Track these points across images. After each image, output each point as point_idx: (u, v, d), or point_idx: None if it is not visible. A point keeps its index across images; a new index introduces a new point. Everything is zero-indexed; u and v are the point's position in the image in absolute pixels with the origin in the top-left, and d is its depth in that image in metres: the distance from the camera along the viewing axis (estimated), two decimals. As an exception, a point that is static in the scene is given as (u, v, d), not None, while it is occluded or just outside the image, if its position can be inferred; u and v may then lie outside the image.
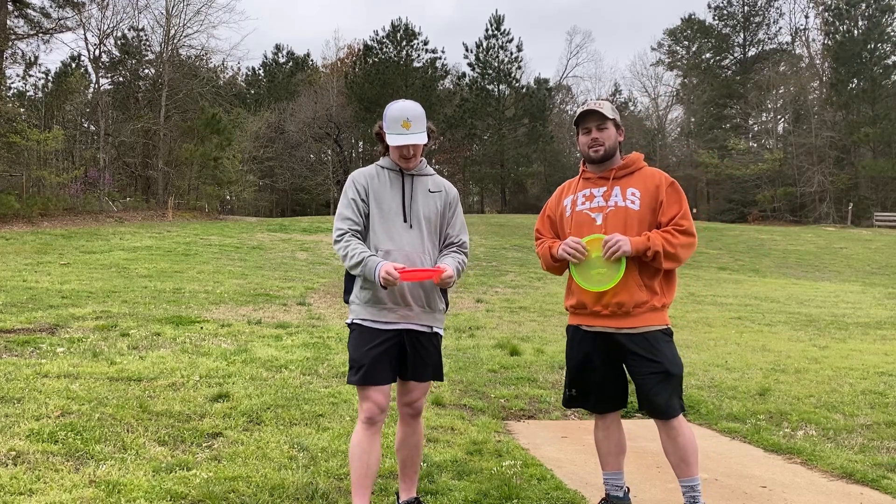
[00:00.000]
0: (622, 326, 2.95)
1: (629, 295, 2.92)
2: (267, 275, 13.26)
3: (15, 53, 28.33)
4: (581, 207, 3.09)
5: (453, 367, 6.12)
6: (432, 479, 3.47)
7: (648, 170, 3.08)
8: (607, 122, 3.04)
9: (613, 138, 3.07)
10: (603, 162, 3.09)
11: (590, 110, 3.05)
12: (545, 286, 13.45)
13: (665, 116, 59.44)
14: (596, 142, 3.06)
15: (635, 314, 2.93)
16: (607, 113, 3.04)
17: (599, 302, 2.96)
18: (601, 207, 3.03)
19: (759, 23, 52.71)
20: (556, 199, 3.28)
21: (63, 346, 6.12)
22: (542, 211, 3.37)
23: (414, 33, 53.94)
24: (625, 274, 2.89)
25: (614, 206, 3.01)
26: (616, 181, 3.05)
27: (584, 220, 3.04)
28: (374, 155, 57.91)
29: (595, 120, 3.04)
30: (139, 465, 3.42)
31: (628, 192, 3.02)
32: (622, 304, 2.93)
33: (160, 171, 31.74)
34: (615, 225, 2.96)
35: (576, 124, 3.13)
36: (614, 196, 3.03)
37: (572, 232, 3.05)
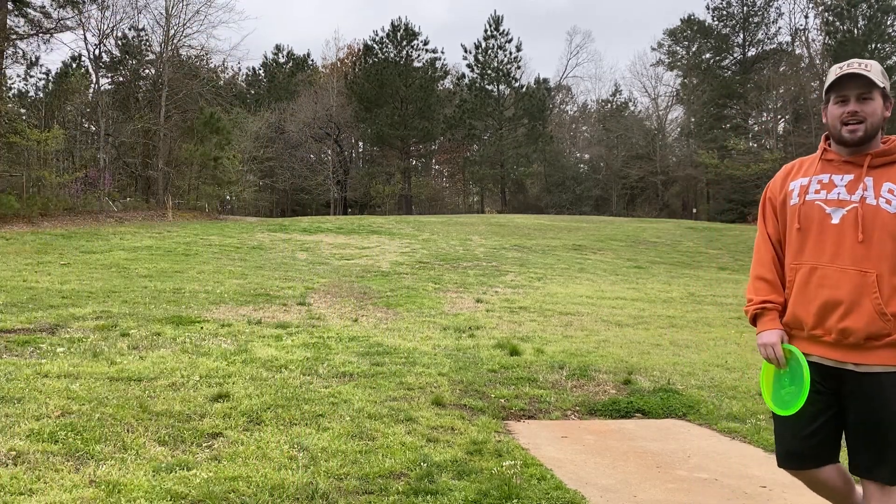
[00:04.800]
0: (846, 360, 2.29)
1: (864, 321, 2.24)
2: (267, 275, 13.26)
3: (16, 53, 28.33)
4: (813, 196, 2.36)
5: (453, 367, 6.12)
6: (432, 479, 3.47)
7: None
8: (874, 90, 2.28)
9: (879, 114, 2.30)
10: (863, 144, 2.33)
11: (853, 73, 2.29)
12: (545, 286, 13.45)
13: (665, 116, 59.46)
14: (855, 116, 2.29)
15: (868, 348, 2.26)
16: (876, 79, 2.27)
17: (822, 325, 2.30)
18: (842, 202, 2.30)
19: (758, 23, 52.75)
20: (780, 180, 2.53)
21: (63, 346, 6.12)
22: (761, 203, 2.60)
23: (414, 33, 53.97)
24: (862, 293, 2.24)
25: (860, 202, 2.27)
26: (871, 170, 2.30)
27: (816, 216, 2.34)
28: (374, 155, 57.98)
29: (858, 87, 2.28)
30: (139, 465, 3.42)
31: (884, 187, 2.26)
32: (851, 334, 2.26)
33: (160, 171, 31.74)
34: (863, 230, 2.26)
35: (828, 91, 2.37)
36: (863, 189, 2.28)
37: (802, 228, 2.37)
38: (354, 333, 7.63)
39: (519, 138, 52.66)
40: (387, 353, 6.60)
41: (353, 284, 12.51)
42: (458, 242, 21.09)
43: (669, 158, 54.16)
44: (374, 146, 56.92)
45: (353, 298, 10.85)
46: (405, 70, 52.66)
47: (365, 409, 4.65)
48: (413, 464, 3.67)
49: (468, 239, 22.21)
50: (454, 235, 23.10)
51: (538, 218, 34.91)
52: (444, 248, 19.50)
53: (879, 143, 2.35)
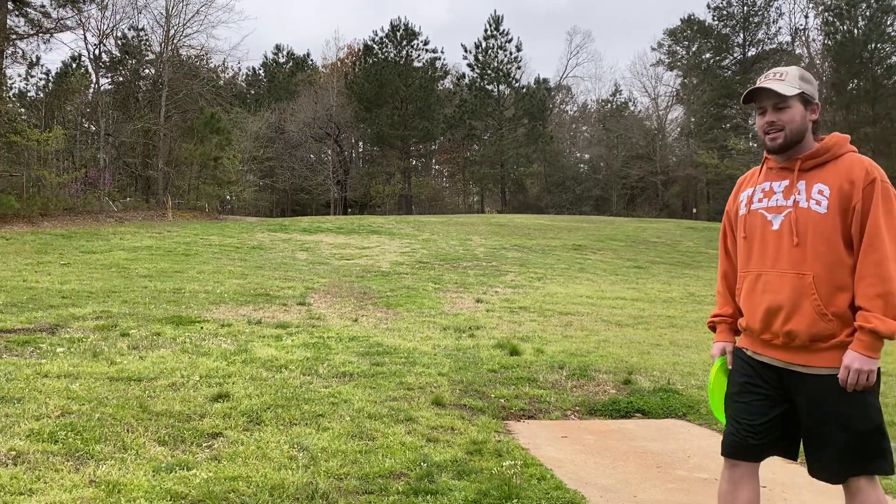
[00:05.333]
0: (795, 362, 2.33)
1: (805, 324, 2.27)
2: (267, 275, 13.26)
3: (15, 53, 28.31)
4: (757, 206, 2.44)
5: (453, 367, 6.12)
6: (432, 479, 3.47)
7: (848, 158, 2.34)
8: (788, 99, 2.34)
9: (800, 119, 2.36)
10: (785, 151, 2.39)
11: (758, 89, 2.37)
12: (545, 286, 13.45)
13: (665, 116, 59.43)
14: (773, 126, 2.37)
15: (813, 350, 2.30)
16: (786, 90, 2.33)
17: (769, 329, 2.36)
18: (780, 207, 2.37)
19: (758, 23, 52.72)
20: (734, 193, 2.61)
21: (63, 346, 6.12)
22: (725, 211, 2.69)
23: (414, 33, 53.95)
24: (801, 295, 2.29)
25: (794, 206, 2.33)
26: (802, 174, 2.36)
27: (760, 223, 2.41)
28: (374, 155, 58.01)
29: (770, 97, 2.36)
30: (139, 465, 3.42)
31: (814, 189, 2.31)
32: (795, 337, 2.30)
33: (160, 171, 31.74)
34: (799, 234, 2.30)
35: (745, 102, 2.48)
36: (797, 194, 2.34)
37: (746, 237, 2.45)
38: (354, 333, 7.63)
39: (519, 138, 52.65)
40: (387, 353, 6.60)
41: (353, 284, 12.51)
42: (458, 242, 21.09)
43: (669, 158, 54.14)
44: (374, 146, 56.92)
45: (353, 298, 10.85)
46: (405, 70, 52.66)
47: (365, 409, 4.65)
48: (413, 464, 3.67)
49: (468, 239, 22.21)
50: (454, 235, 23.10)
51: (538, 218, 34.91)
52: (444, 248, 19.50)
53: (813, 145, 2.40)
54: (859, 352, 2.22)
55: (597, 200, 54.21)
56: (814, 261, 2.29)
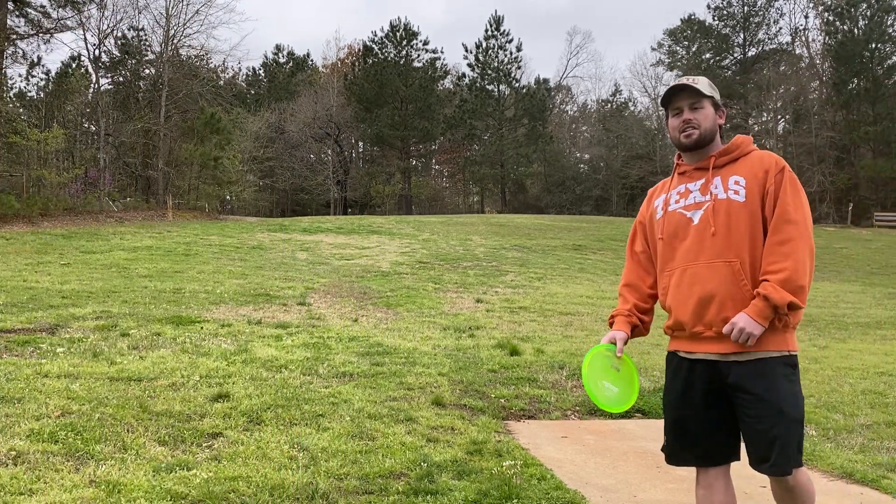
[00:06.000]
0: (729, 352, 2.36)
1: (739, 309, 2.33)
2: (267, 275, 13.26)
3: (15, 53, 28.32)
4: (674, 207, 2.53)
5: (453, 368, 6.11)
6: (432, 479, 3.47)
7: (757, 153, 2.50)
8: (703, 100, 2.51)
9: (711, 120, 2.52)
10: (698, 148, 2.53)
11: (679, 86, 2.53)
12: (545, 286, 13.45)
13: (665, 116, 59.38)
14: (688, 124, 2.50)
15: None
16: (703, 89, 2.51)
17: (701, 321, 2.39)
18: (698, 203, 2.47)
19: (758, 23, 52.71)
20: (646, 203, 2.72)
21: (63, 346, 6.12)
22: (635, 221, 2.78)
23: (413, 33, 53.96)
24: (732, 283, 2.34)
25: (713, 199, 2.43)
26: (716, 171, 2.49)
27: (679, 222, 2.49)
28: (374, 155, 58.04)
29: (687, 98, 2.51)
30: (139, 465, 3.42)
31: (731, 180, 2.44)
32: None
33: (160, 171, 31.75)
34: (718, 224, 2.39)
35: (663, 105, 2.61)
36: (713, 188, 2.46)
37: (664, 239, 2.52)
38: (354, 333, 7.63)
39: (519, 138, 52.65)
40: (387, 353, 6.60)
41: (353, 284, 12.50)
42: (458, 242, 21.08)
43: (669, 158, 54.03)
44: (374, 146, 56.92)
45: (353, 298, 10.85)
46: (405, 70, 52.66)
47: (365, 409, 4.65)
48: (413, 464, 3.67)
49: (468, 239, 22.21)
50: (454, 235, 23.09)
51: (538, 218, 34.91)
52: (444, 248, 19.50)
53: (720, 146, 2.54)
54: (750, 315, 2.29)
55: (597, 200, 54.21)
56: (739, 247, 2.37)
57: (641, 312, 2.68)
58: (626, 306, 2.68)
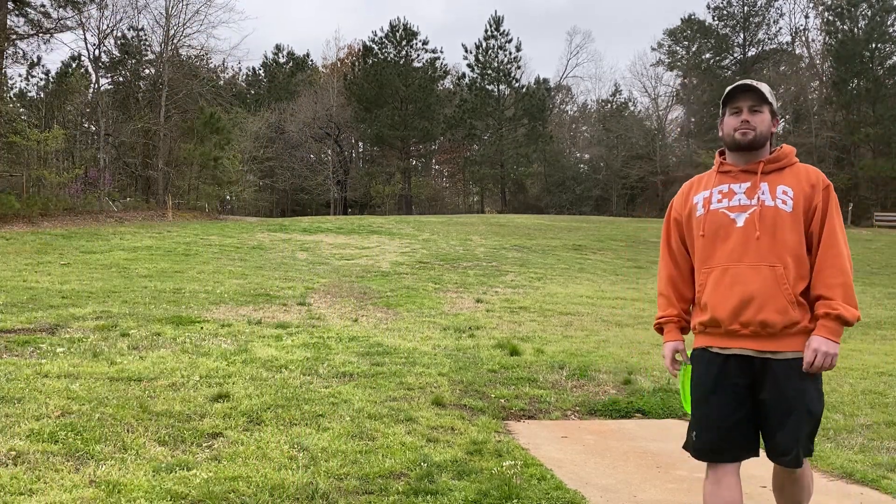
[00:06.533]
0: (764, 350, 2.45)
1: (778, 312, 2.42)
2: (267, 275, 13.26)
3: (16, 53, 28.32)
4: (717, 206, 2.57)
5: (453, 368, 6.11)
6: (432, 479, 3.47)
7: (801, 166, 2.58)
8: (763, 105, 2.55)
9: (767, 125, 2.55)
10: (751, 150, 2.57)
11: (745, 85, 2.55)
12: (545, 286, 13.45)
13: (665, 116, 59.41)
14: (747, 125, 2.53)
15: (783, 336, 2.44)
16: (766, 94, 2.55)
17: (738, 320, 2.46)
18: (743, 206, 2.51)
19: (758, 23, 52.70)
20: (682, 197, 2.74)
21: (63, 346, 6.12)
22: (666, 216, 2.81)
23: (413, 33, 53.97)
24: (774, 286, 2.43)
25: (760, 205, 2.49)
26: (764, 176, 2.54)
27: (722, 223, 2.53)
28: (374, 155, 58.02)
29: (750, 100, 2.54)
30: (139, 465, 3.42)
31: (778, 189, 2.50)
32: (768, 325, 2.43)
33: (160, 171, 31.75)
34: (763, 229, 2.46)
35: (723, 103, 2.62)
36: (760, 193, 2.51)
37: (706, 237, 2.57)
38: (354, 333, 7.63)
39: (519, 138, 52.65)
40: (387, 353, 6.60)
41: (353, 284, 12.51)
42: (458, 242, 21.09)
43: (669, 158, 54.12)
44: (374, 146, 56.93)
45: (353, 298, 10.85)
46: (405, 70, 52.66)
47: (365, 409, 4.65)
48: (413, 464, 3.67)
49: (468, 239, 22.21)
50: (454, 235, 23.10)
51: (538, 218, 34.91)
52: (444, 248, 19.50)
53: (768, 153, 2.60)
54: (826, 336, 2.40)
55: (597, 200, 54.20)
56: (783, 254, 2.46)
57: (686, 314, 2.74)
58: (674, 312, 2.72)
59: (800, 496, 2.64)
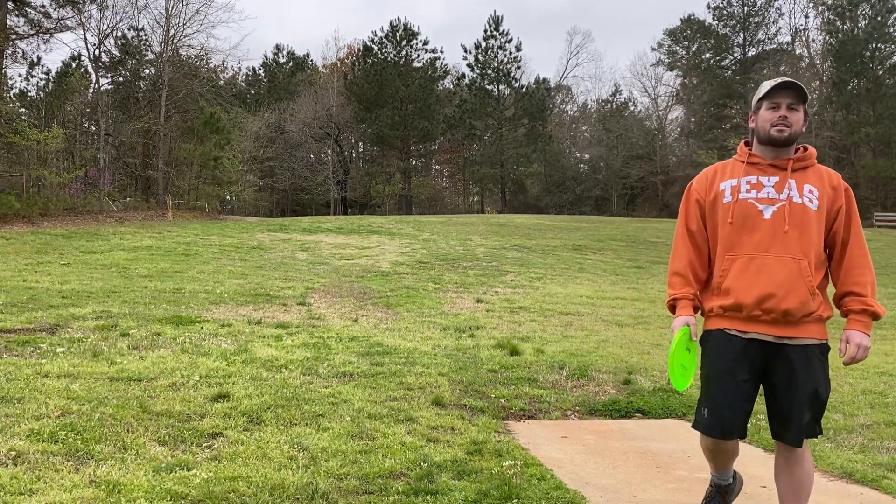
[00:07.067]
0: (782, 335, 2.60)
1: (800, 302, 2.57)
2: (267, 275, 13.26)
3: (15, 53, 28.32)
4: (745, 196, 2.66)
5: (453, 367, 6.11)
6: (432, 479, 3.47)
7: (821, 168, 2.71)
8: (800, 104, 2.65)
9: (801, 124, 2.67)
10: (786, 146, 2.68)
11: (787, 83, 2.62)
12: (545, 286, 13.45)
13: (665, 116, 59.45)
14: (784, 121, 2.63)
15: (800, 324, 2.60)
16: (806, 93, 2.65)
17: (761, 306, 2.59)
18: (772, 199, 2.62)
19: (758, 23, 52.73)
20: (705, 182, 2.81)
21: (63, 345, 6.12)
22: (685, 200, 2.86)
23: (413, 33, 53.99)
24: (798, 278, 2.57)
25: (788, 201, 2.60)
26: (792, 173, 2.65)
27: (750, 213, 2.64)
28: (374, 155, 58.00)
29: (790, 96, 2.63)
30: (139, 465, 3.42)
31: (805, 188, 2.62)
32: (789, 314, 2.58)
33: (160, 171, 31.75)
34: (792, 224, 2.58)
35: (762, 98, 2.69)
36: (788, 189, 2.62)
37: (734, 223, 2.65)
38: (354, 333, 7.63)
39: (519, 138, 52.66)
40: (387, 353, 6.60)
41: (353, 284, 12.51)
42: (458, 242, 21.09)
43: (669, 158, 54.14)
44: (374, 146, 56.94)
45: (353, 298, 10.85)
46: (405, 70, 52.68)
47: (365, 409, 4.65)
48: (413, 464, 3.67)
49: (468, 239, 22.21)
50: (454, 235, 23.10)
51: (538, 218, 34.91)
52: (444, 248, 19.50)
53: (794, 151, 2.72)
54: (863, 331, 2.62)
55: (597, 200, 54.21)
56: (807, 248, 2.60)
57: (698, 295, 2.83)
58: (690, 290, 2.79)
59: (803, 480, 2.69)
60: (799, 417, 2.59)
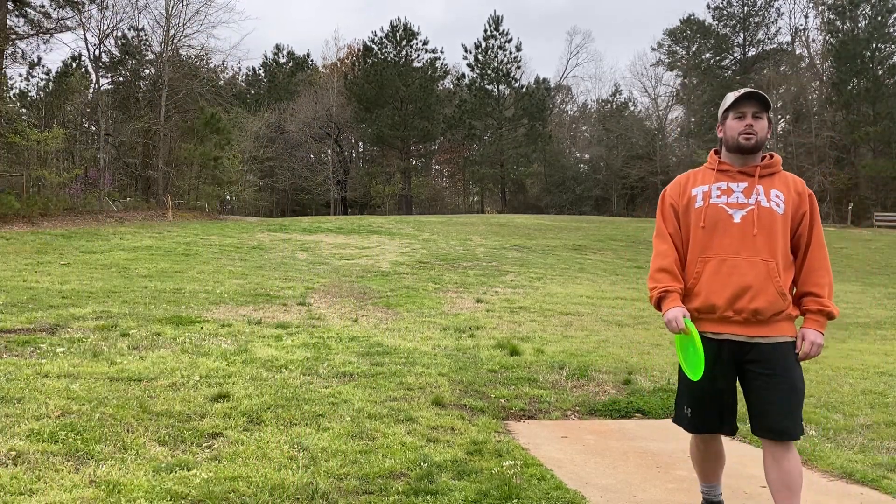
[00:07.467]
0: (755, 335, 2.73)
1: (769, 302, 2.69)
2: (267, 275, 13.26)
3: (15, 53, 28.31)
4: (716, 201, 2.81)
5: (453, 368, 6.12)
6: (432, 479, 3.47)
7: (786, 174, 2.87)
8: (764, 112, 2.80)
9: (766, 131, 2.82)
10: (751, 153, 2.83)
11: (751, 92, 2.78)
12: (545, 286, 13.45)
13: (665, 116, 59.42)
14: (750, 129, 2.78)
15: (771, 323, 2.72)
16: (769, 102, 2.80)
17: (732, 307, 2.72)
18: (741, 204, 2.77)
19: (758, 23, 52.71)
20: (678, 188, 2.96)
21: (63, 346, 6.12)
22: (660, 206, 3.01)
23: (413, 33, 53.98)
24: (766, 278, 2.70)
25: (756, 205, 2.75)
26: (760, 179, 2.81)
27: (720, 216, 2.78)
28: (374, 155, 58.00)
29: (754, 105, 2.79)
30: (139, 465, 3.42)
31: (772, 192, 2.78)
32: (759, 313, 2.70)
33: (160, 171, 31.74)
34: (760, 227, 2.72)
35: (728, 108, 2.84)
36: (757, 194, 2.77)
37: (706, 227, 2.79)
38: (354, 333, 7.63)
39: (519, 138, 52.65)
40: (387, 353, 6.60)
41: (353, 284, 12.51)
42: (458, 242, 21.09)
43: (669, 158, 54.09)
44: (374, 146, 56.93)
45: (353, 298, 10.85)
46: (405, 70, 52.66)
47: (365, 409, 4.65)
48: (413, 464, 3.67)
49: (468, 239, 22.21)
50: (454, 235, 23.10)
51: (538, 218, 34.92)
52: (444, 248, 19.50)
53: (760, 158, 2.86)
54: (818, 329, 2.75)
55: (597, 200, 54.19)
56: (774, 250, 2.74)
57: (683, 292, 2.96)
58: (679, 285, 2.89)
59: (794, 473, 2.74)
60: (780, 411, 2.69)
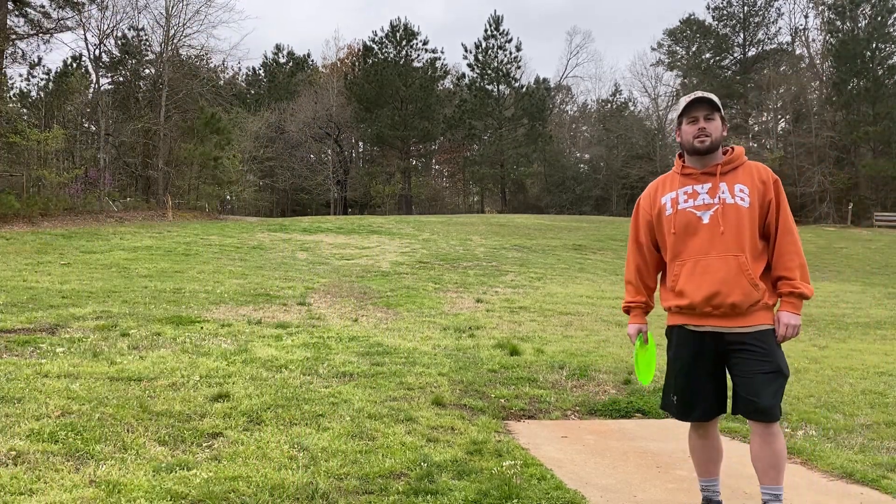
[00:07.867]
0: (735, 325, 2.86)
1: (744, 294, 2.82)
2: (267, 275, 13.26)
3: (15, 53, 28.31)
4: (684, 206, 2.94)
5: (453, 367, 6.12)
6: (432, 479, 3.47)
7: (751, 164, 2.96)
8: (715, 112, 2.93)
9: (720, 131, 2.94)
10: (708, 154, 2.95)
11: (700, 98, 2.92)
12: (545, 286, 13.45)
13: (665, 116, 59.37)
14: (703, 132, 2.91)
15: (749, 314, 2.85)
16: (717, 103, 2.93)
17: (710, 303, 2.85)
18: (707, 205, 2.89)
19: (758, 23, 52.68)
20: (649, 199, 3.11)
21: (63, 345, 6.12)
22: (634, 214, 3.18)
23: (413, 33, 53.95)
24: (738, 273, 2.82)
25: (721, 203, 2.87)
26: (722, 177, 2.92)
27: (690, 220, 2.91)
28: (374, 155, 57.99)
29: (704, 109, 2.92)
30: (139, 465, 3.42)
31: (736, 188, 2.88)
32: (736, 306, 2.83)
33: (160, 171, 31.73)
34: (727, 224, 2.84)
35: (681, 114, 2.99)
36: (721, 192, 2.88)
37: (676, 233, 2.93)
38: (354, 333, 7.63)
39: (519, 138, 52.63)
40: (387, 353, 6.60)
41: (353, 284, 12.51)
42: (458, 242, 21.08)
43: (669, 158, 54.01)
44: (374, 146, 56.91)
45: (353, 298, 10.85)
46: (405, 70, 52.64)
47: (365, 409, 4.65)
48: (413, 464, 3.67)
49: (468, 239, 22.21)
50: (454, 235, 23.10)
51: (538, 218, 34.91)
52: (444, 248, 19.50)
53: (722, 156, 2.97)
54: (791, 311, 2.87)
55: (597, 200, 54.18)
56: (743, 244, 2.84)
57: (650, 300, 3.22)
58: (642, 299, 3.18)
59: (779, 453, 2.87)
60: (767, 392, 2.79)
